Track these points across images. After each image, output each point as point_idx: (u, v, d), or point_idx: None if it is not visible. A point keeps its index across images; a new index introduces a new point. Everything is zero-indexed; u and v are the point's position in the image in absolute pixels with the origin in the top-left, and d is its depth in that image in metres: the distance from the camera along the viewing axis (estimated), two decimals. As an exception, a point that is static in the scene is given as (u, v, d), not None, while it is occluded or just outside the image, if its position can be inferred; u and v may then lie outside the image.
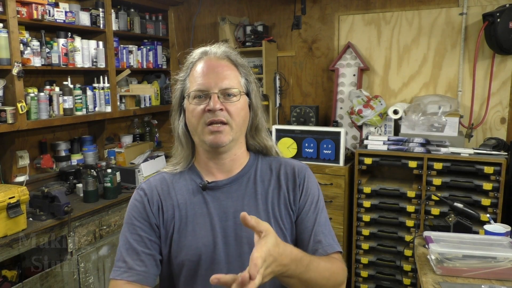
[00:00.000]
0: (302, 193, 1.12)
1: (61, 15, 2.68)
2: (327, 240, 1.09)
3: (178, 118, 1.13)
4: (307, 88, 3.39)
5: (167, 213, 1.09)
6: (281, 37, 3.42)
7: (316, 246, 1.08)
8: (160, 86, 3.69)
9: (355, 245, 2.81)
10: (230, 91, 1.05)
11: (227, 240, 1.05)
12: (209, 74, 1.06)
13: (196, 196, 1.10)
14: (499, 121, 2.80)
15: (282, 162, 1.17)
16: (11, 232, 2.07)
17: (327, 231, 1.11)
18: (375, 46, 3.08)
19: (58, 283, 2.28)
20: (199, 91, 1.05)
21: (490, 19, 2.56)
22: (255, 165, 1.15)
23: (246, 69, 1.12)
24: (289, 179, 1.13)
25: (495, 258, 1.45)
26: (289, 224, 1.10)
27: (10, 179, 2.58)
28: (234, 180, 1.11)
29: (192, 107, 1.06)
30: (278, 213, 1.09)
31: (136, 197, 1.11)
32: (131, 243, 1.05)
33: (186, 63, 1.15)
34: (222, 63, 1.08)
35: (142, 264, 1.03)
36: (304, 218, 1.10)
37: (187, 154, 1.14)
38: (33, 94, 2.54)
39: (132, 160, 3.27)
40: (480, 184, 2.44)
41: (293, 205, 1.11)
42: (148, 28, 3.57)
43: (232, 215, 1.07)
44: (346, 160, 2.90)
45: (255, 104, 1.12)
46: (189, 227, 1.07)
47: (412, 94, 3.01)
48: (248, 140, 1.16)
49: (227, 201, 1.09)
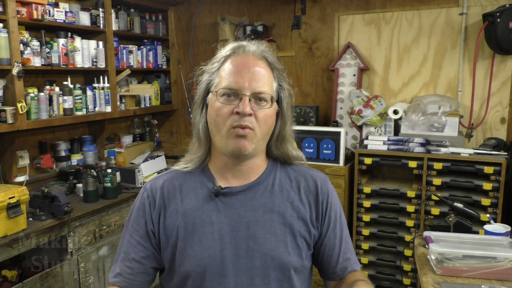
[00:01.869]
0: (327, 210, 1.07)
1: (61, 15, 2.68)
2: (353, 256, 1.10)
3: (200, 113, 1.03)
4: (307, 88, 3.39)
5: (170, 218, 1.02)
6: (281, 37, 3.42)
7: (345, 264, 1.07)
8: (160, 86, 3.69)
9: (355, 245, 2.80)
10: (262, 95, 0.97)
11: (238, 252, 0.99)
12: (244, 73, 0.97)
13: (206, 203, 1.02)
14: (499, 121, 2.80)
15: (302, 172, 1.10)
16: (11, 232, 2.07)
17: (351, 246, 1.11)
18: (375, 46, 3.08)
19: (58, 283, 2.27)
20: (229, 89, 0.96)
21: (490, 19, 2.56)
22: (273, 173, 1.07)
23: (280, 73, 1.05)
24: (311, 193, 1.07)
25: (495, 258, 1.45)
26: (308, 241, 1.04)
27: (10, 179, 2.58)
28: (249, 187, 1.03)
29: (218, 105, 0.97)
30: (295, 228, 1.02)
31: (140, 198, 1.08)
32: (127, 246, 1.05)
33: (218, 55, 1.04)
34: (259, 63, 0.99)
35: (130, 272, 1.04)
36: (331, 235, 1.07)
37: (202, 153, 1.06)
38: (33, 94, 2.54)
39: (132, 160, 3.27)
40: (480, 184, 2.44)
41: (315, 221, 1.05)
42: (148, 28, 3.57)
43: (245, 225, 1.00)
44: (346, 160, 2.90)
45: (285, 113, 1.04)
46: (196, 236, 1.00)
47: (412, 94, 3.01)
48: (271, 149, 1.07)
49: (240, 210, 1.01)
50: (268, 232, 1.00)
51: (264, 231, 1.00)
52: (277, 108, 1.03)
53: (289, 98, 1.06)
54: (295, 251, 1.02)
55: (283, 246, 1.00)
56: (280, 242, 1.00)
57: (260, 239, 1.00)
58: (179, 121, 3.91)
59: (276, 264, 0.99)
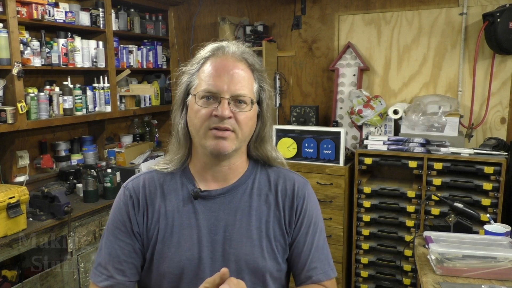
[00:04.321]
0: (300, 215, 1.05)
1: (61, 15, 2.68)
2: (322, 266, 1.05)
3: (180, 114, 1.03)
4: (307, 88, 3.39)
5: (152, 219, 1.02)
6: (281, 37, 3.42)
7: (310, 273, 1.04)
8: (160, 86, 3.69)
9: (355, 245, 2.81)
10: (241, 98, 0.96)
11: (214, 255, 0.99)
12: (222, 76, 0.95)
13: (186, 205, 1.02)
14: (499, 121, 2.80)
15: (282, 175, 1.09)
16: (11, 232, 2.07)
17: (324, 256, 1.07)
18: (375, 46, 3.08)
19: (58, 283, 2.28)
20: (208, 92, 0.95)
21: (490, 19, 2.56)
22: (253, 175, 1.07)
23: (261, 74, 1.03)
24: (287, 197, 1.06)
25: (495, 258, 1.45)
26: (283, 245, 1.04)
27: (10, 179, 2.58)
28: (228, 190, 1.03)
29: (197, 108, 0.96)
30: (271, 232, 1.02)
31: (122, 198, 1.05)
32: (114, 248, 1.02)
33: (198, 55, 1.03)
34: (238, 65, 0.98)
35: (122, 274, 1.02)
36: (300, 242, 1.05)
37: (182, 154, 1.05)
38: (33, 94, 2.54)
39: (132, 160, 3.27)
40: (480, 184, 2.44)
41: (287, 226, 1.04)
42: (148, 28, 3.57)
43: (222, 228, 1.00)
44: (346, 160, 2.90)
45: (265, 114, 1.03)
46: (174, 238, 1.00)
47: (412, 94, 3.01)
48: (250, 150, 1.08)
49: (218, 213, 1.01)
50: (244, 236, 1.00)
51: (240, 235, 1.00)
52: (258, 109, 1.02)
53: (269, 99, 1.05)
54: (271, 256, 1.01)
55: (258, 250, 1.00)
56: (256, 246, 1.00)
57: (236, 242, 1.00)
58: (179, 121, 3.91)
59: (250, 269, 0.99)
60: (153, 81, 3.69)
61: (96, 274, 1.03)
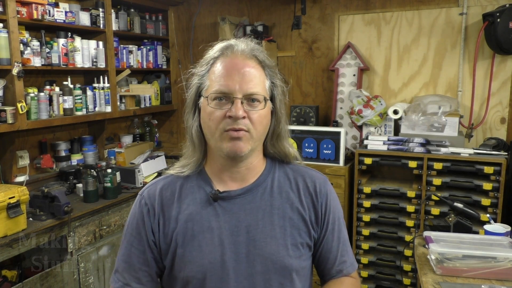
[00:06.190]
0: (326, 213, 1.06)
1: (61, 15, 2.68)
2: (350, 259, 1.10)
3: (192, 117, 1.01)
4: (307, 88, 3.39)
5: (169, 225, 1.01)
6: (281, 37, 3.42)
7: (341, 267, 1.08)
8: (160, 86, 3.69)
9: (355, 245, 2.80)
10: (254, 96, 0.94)
11: (238, 257, 0.98)
12: (233, 75, 0.93)
13: (205, 208, 1.01)
14: (499, 121, 2.80)
15: (301, 172, 1.09)
16: (11, 232, 2.07)
17: (349, 248, 1.11)
18: (375, 46, 3.08)
19: (58, 283, 2.27)
20: (220, 93, 0.93)
21: (490, 19, 2.56)
22: (272, 174, 1.06)
23: (272, 70, 1.01)
24: (309, 195, 1.05)
25: (495, 258, 1.45)
26: (308, 241, 1.04)
27: (10, 179, 2.58)
28: (248, 190, 1.02)
29: (210, 110, 0.95)
30: (296, 230, 1.02)
31: (137, 206, 1.05)
32: (130, 256, 1.03)
33: (207, 56, 1.02)
34: (248, 63, 0.96)
35: (138, 282, 1.02)
36: (329, 238, 1.07)
37: (198, 157, 1.04)
38: (33, 94, 2.54)
39: (132, 160, 3.27)
40: (480, 184, 2.44)
41: (314, 223, 1.04)
42: (148, 28, 3.57)
43: (244, 229, 0.99)
44: (346, 160, 2.90)
45: (278, 110, 1.02)
46: (195, 241, 0.99)
47: (412, 94, 3.01)
48: (267, 147, 1.06)
49: (239, 214, 1.00)
50: (268, 235, 1.00)
51: (264, 235, 1.00)
52: (271, 106, 1.01)
53: (282, 95, 1.03)
54: (296, 254, 1.01)
55: (283, 249, 1.00)
56: (281, 245, 1.00)
57: (260, 243, 0.99)
58: (179, 121, 3.91)
59: (277, 268, 0.99)
60: (153, 81, 3.69)
61: (114, 280, 1.04)
